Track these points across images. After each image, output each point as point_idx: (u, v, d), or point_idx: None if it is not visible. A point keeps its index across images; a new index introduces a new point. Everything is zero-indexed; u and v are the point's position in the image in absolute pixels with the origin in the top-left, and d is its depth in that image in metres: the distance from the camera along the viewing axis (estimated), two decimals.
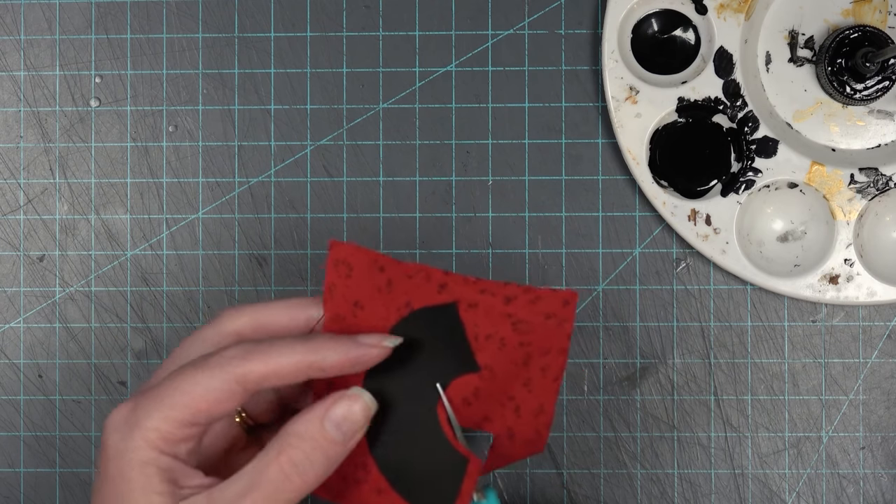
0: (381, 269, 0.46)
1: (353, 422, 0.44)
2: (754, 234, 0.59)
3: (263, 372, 0.43)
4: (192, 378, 0.43)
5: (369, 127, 0.60)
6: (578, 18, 0.60)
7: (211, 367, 0.43)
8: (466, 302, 0.46)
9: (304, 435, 0.43)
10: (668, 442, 0.60)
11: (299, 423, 0.44)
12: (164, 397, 0.43)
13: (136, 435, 0.42)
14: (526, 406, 0.47)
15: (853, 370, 0.60)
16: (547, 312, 0.45)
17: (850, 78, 0.58)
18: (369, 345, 0.45)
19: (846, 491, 0.60)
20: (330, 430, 0.44)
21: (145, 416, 0.43)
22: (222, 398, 0.43)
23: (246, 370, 0.43)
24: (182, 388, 0.43)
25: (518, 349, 0.46)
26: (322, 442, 0.43)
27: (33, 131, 0.61)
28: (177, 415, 0.42)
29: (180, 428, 0.43)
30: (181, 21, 0.61)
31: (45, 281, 0.61)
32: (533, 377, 0.46)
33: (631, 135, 0.58)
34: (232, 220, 0.61)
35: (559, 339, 0.46)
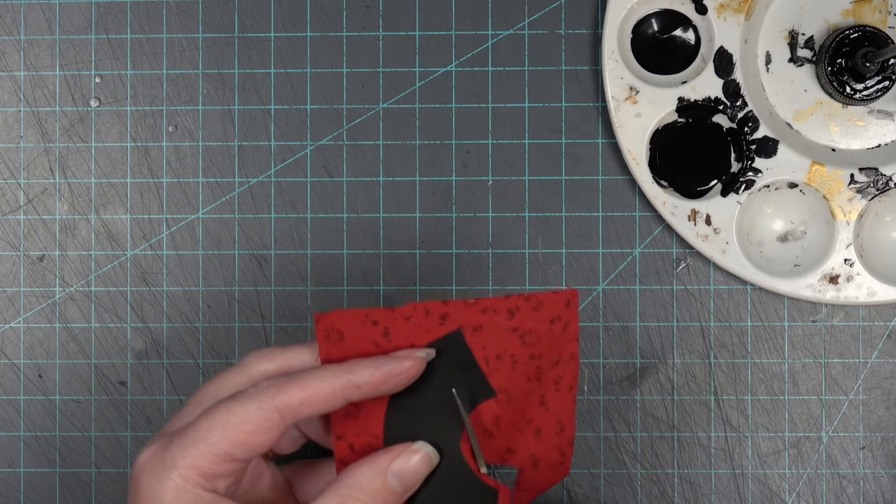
0: (375, 323, 0.45)
1: (414, 474, 0.44)
2: (754, 234, 0.59)
3: (301, 398, 0.42)
4: (228, 410, 0.42)
5: (369, 127, 0.60)
6: (578, 18, 0.60)
7: (248, 397, 0.42)
8: (470, 326, 0.45)
9: (365, 488, 0.43)
10: (668, 442, 0.60)
11: (361, 476, 0.43)
12: (199, 432, 0.42)
13: (172, 475, 0.42)
14: (546, 427, 0.46)
15: (853, 370, 0.60)
16: (551, 317, 0.45)
17: (850, 78, 0.58)
18: (402, 356, 0.44)
19: (846, 491, 0.60)
20: (392, 482, 0.44)
21: (182, 455, 0.42)
22: (261, 429, 0.42)
23: (284, 398, 0.42)
24: (218, 421, 0.42)
25: (529, 364, 0.45)
26: (382, 494, 0.43)
27: (33, 131, 0.61)
28: (215, 449, 0.42)
29: (220, 463, 0.42)
30: (181, 21, 0.61)
31: (45, 281, 0.61)
32: (547, 393, 0.46)
33: (631, 135, 0.58)
34: (232, 220, 0.61)
35: (567, 344, 0.45)
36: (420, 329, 0.45)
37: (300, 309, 0.60)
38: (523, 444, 0.47)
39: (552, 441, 0.46)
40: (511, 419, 0.46)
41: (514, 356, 0.45)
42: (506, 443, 0.47)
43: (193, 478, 0.42)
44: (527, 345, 0.45)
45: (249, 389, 0.43)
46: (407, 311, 0.45)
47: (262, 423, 0.42)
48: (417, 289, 0.60)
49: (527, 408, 0.46)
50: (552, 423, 0.46)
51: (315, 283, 0.60)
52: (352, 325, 0.45)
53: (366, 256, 0.60)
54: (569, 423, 0.46)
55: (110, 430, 0.60)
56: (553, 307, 0.45)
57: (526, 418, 0.46)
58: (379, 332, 0.46)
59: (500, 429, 0.46)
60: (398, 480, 0.44)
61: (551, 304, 0.45)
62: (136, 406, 0.60)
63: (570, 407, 0.46)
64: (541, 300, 0.45)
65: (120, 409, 0.60)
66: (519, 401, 0.46)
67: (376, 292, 0.60)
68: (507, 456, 0.47)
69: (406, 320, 0.45)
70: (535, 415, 0.46)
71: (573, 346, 0.45)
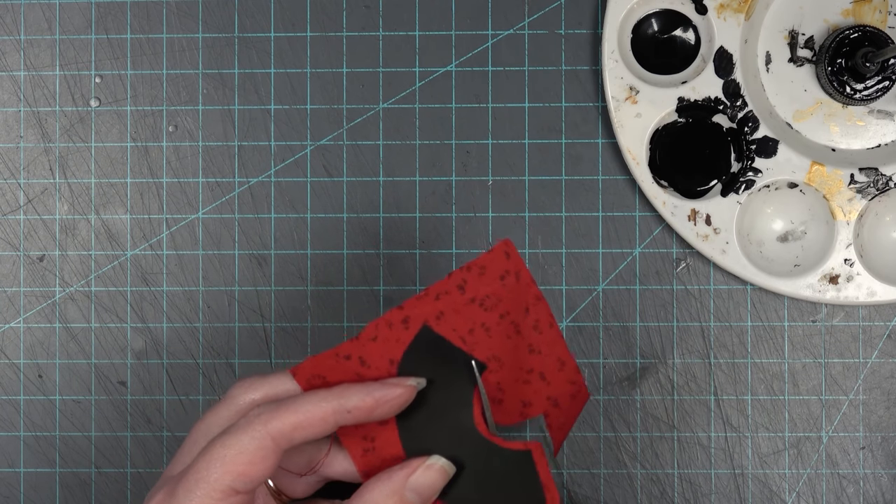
0: (347, 357, 0.46)
1: (432, 487, 0.44)
2: (754, 234, 0.59)
3: (294, 423, 0.43)
4: (223, 445, 0.42)
5: (369, 127, 0.60)
6: (578, 18, 0.60)
7: (240, 429, 0.43)
8: (433, 317, 0.46)
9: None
10: (668, 442, 0.60)
11: (380, 494, 0.44)
12: (199, 472, 0.42)
13: None
14: (547, 368, 0.47)
15: (853, 370, 0.60)
16: (499, 274, 0.45)
17: (850, 78, 0.58)
18: (393, 384, 0.45)
19: (846, 491, 0.60)
20: (410, 497, 0.44)
21: (186, 497, 0.42)
22: (258, 458, 0.42)
23: (276, 425, 0.43)
24: (215, 457, 0.42)
25: (501, 323, 0.46)
26: None
27: (33, 131, 0.61)
28: (218, 486, 0.42)
29: (223, 498, 0.42)
30: (181, 21, 0.61)
31: (45, 281, 0.61)
32: (533, 340, 0.46)
33: (631, 135, 0.58)
34: (232, 220, 0.61)
35: (527, 290, 0.46)
36: (390, 342, 0.46)
37: (300, 309, 0.60)
38: (535, 393, 0.47)
39: (559, 377, 0.47)
40: (512, 378, 0.47)
41: (484, 324, 0.46)
42: (518, 401, 0.47)
43: None
44: (490, 309, 0.46)
45: (241, 421, 0.43)
46: (370, 333, 0.46)
47: (257, 452, 0.42)
48: (417, 289, 0.60)
49: (521, 361, 0.47)
50: (551, 362, 0.47)
51: (315, 283, 0.60)
52: (327, 366, 0.46)
53: (366, 256, 0.60)
54: (565, 355, 0.47)
55: (110, 430, 0.60)
56: (496, 264, 0.45)
57: (525, 370, 0.47)
58: (355, 364, 0.46)
59: (506, 391, 0.47)
60: (416, 495, 0.44)
61: (493, 263, 0.45)
62: (136, 406, 0.60)
63: (560, 341, 0.47)
64: (481, 264, 0.45)
65: (120, 409, 0.60)
66: (510, 360, 0.47)
67: (376, 292, 0.60)
68: (526, 410, 0.48)
69: (374, 341, 0.46)
70: (533, 363, 0.47)
71: (534, 289, 0.46)
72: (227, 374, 0.60)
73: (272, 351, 0.60)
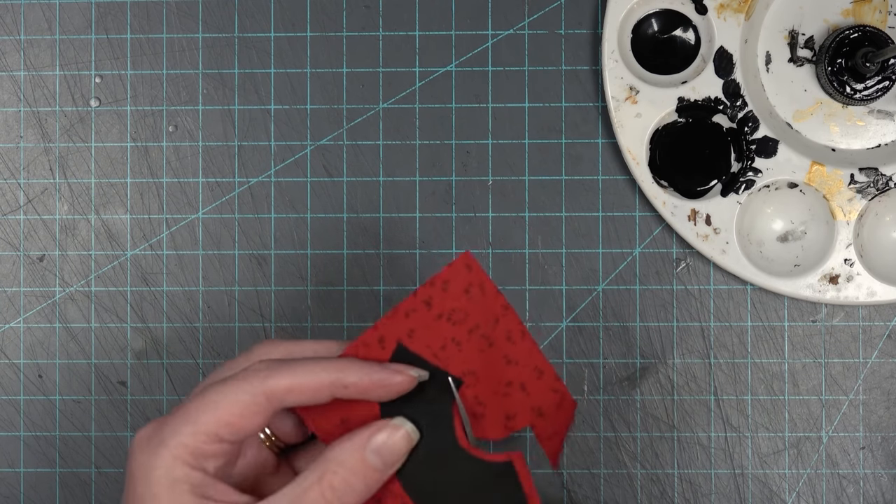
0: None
1: (394, 451, 0.45)
2: (754, 234, 0.59)
3: (288, 385, 0.43)
4: (217, 391, 0.43)
5: (369, 127, 0.60)
6: (578, 18, 0.60)
7: (237, 381, 0.43)
8: (405, 334, 0.46)
9: (345, 462, 0.44)
10: (668, 442, 0.60)
11: (341, 451, 0.44)
12: (189, 413, 0.43)
13: (162, 452, 0.42)
14: (526, 378, 0.47)
15: (853, 370, 0.60)
16: (463, 288, 0.45)
17: (850, 78, 0.58)
18: (394, 370, 0.45)
19: (846, 491, 0.60)
20: (371, 458, 0.44)
21: (172, 434, 0.43)
22: (248, 412, 0.43)
23: (272, 383, 0.43)
24: (208, 402, 0.43)
25: (472, 337, 0.46)
26: (363, 469, 0.44)
27: (33, 131, 0.61)
28: (204, 429, 0.42)
29: (208, 443, 0.43)
30: (181, 21, 0.61)
31: (45, 281, 0.61)
32: (508, 351, 0.46)
33: (631, 135, 0.58)
34: (232, 220, 0.61)
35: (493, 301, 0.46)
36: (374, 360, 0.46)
37: (300, 309, 0.60)
38: (518, 405, 0.47)
39: (540, 386, 0.47)
40: (491, 391, 0.47)
41: (454, 339, 0.46)
42: (501, 414, 0.47)
43: (183, 456, 0.42)
44: (458, 323, 0.46)
45: (241, 372, 0.44)
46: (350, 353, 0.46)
47: (249, 406, 0.43)
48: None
49: (499, 374, 0.47)
50: (529, 372, 0.47)
51: (315, 283, 0.60)
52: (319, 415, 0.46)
53: (366, 256, 0.60)
54: (542, 363, 0.47)
55: (110, 430, 0.60)
56: (459, 278, 0.45)
57: (504, 382, 0.47)
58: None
59: (487, 405, 0.47)
60: (377, 456, 0.44)
61: (455, 277, 0.45)
62: (136, 406, 0.60)
63: (535, 349, 0.47)
64: (444, 279, 0.45)
65: (120, 409, 0.60)
66: (486, 373, 0.46)
67: (376, 292, 0.60)
68: (511, 423, 0.47)
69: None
70: (511, 374, 0.47)
71: (500, 300, 0.46)
72: None
73: None
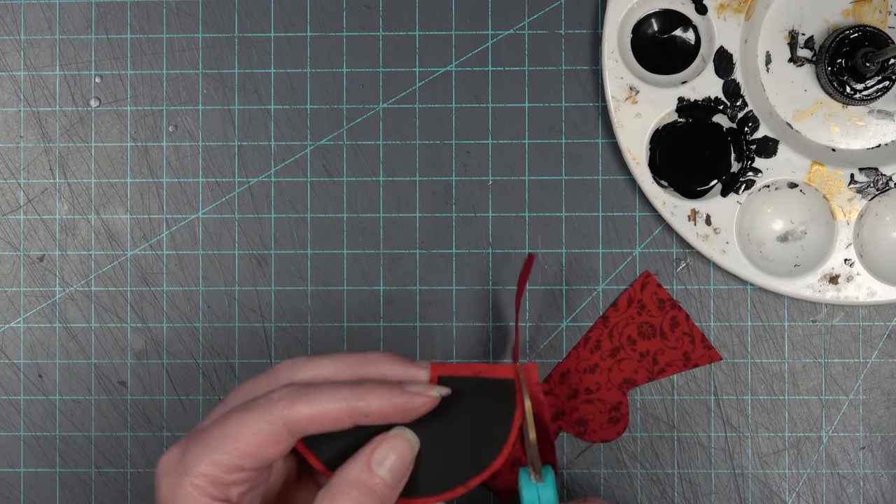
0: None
1: (399, 461, 0.44)
2: (754, 234, 0.59)
3: (309, 415, 0.43)
4: (238, 421, 0.43)
5: (369, 127, 0.60)
6: (578, 18, 0.60)
7: (258, 409, 0.43)
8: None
9: (353, 482, 0.44)
10: (668, 442, 0.60)
11: (347, 472, 0.44)
12: (210, 441, 0.43)
13: (185, 482, 0.43)
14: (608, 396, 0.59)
15: (853, 370, 0.60)
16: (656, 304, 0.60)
17: (850, 78, 0.58)
18: (416, 393, 0.45)
19: (846, 491, 0.60)
20: (379, 472, 0.44)
21: (194, 462, 0.43)
22: (269, 442, 0.43)
23: (292, 413, 0.43)
24: (229, 431, 0.43)
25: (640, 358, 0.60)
26: (372, 486, 0.44)
27: (33, 131, 0.61)
28: (224, 459, 0.43)
29: (229, 472, 0.43)
30: (181, 21, 0.61)
31: (45, 281, 0.61)
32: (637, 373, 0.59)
33: (631, 135, 0.58)
34: (232, 220, 0.61)
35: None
36: None
37: (300, 309, 0.60)
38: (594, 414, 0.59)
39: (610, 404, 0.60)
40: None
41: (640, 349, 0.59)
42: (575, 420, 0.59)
43: (204, 487, 0.42)
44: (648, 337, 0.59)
45: (262, 399, 0.43)
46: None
47: (270, 436, 0.43)
48: (417, 289, 0.60)
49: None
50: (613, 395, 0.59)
51: (315, 283, 0.60)
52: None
53: (366, 256, 0.60)
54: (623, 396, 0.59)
55: (110, 430, 0.60)
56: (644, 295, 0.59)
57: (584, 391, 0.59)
58: None
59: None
60: (384, 469, 0.44)
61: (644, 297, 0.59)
62: (136, 406, 0.60)
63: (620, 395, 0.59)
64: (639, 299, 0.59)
65: (120, 409, 0.60)
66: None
67: (376, 292, 0.60)
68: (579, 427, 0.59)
69: None
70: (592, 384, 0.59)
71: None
72: (227, 374, 0.60)
73: (272, 351, 0.60)
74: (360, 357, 0.46)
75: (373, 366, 0.46)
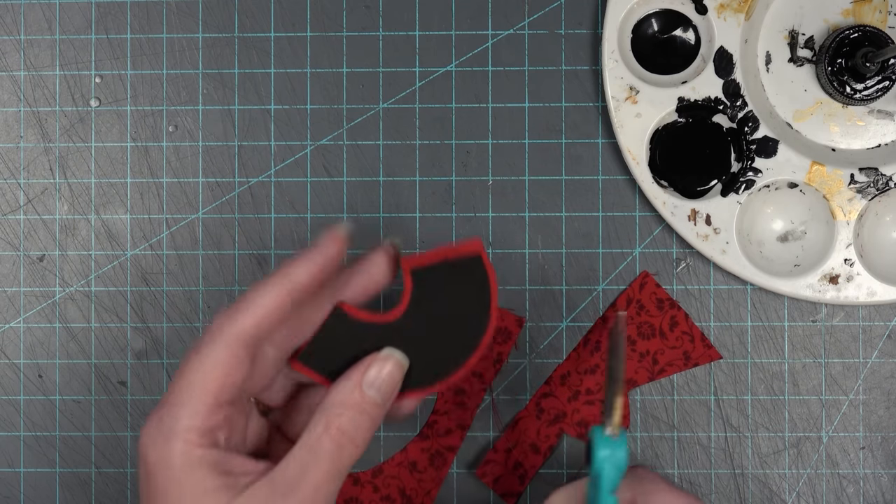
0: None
1: (388, 381, 0.46)
2: (754, 234, 0.59)
3: (254, 320, 0.44)
4: (196, 365, 0.44)
5: (369, 127, 0.60)
6: (578, 18, 0.60)
7: (207, 342, 0.44)
8: None
9: (346, 403, 0.45)
10: (668, 442, 0.60)
11: (339, 393, 0.45)
12: (181, 394, 0.43)
13: (174, 443, 0.43)
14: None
15: (853, 370, 0.60)
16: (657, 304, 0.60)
17: (850, 78, 0.58)
18: (327, 241, 0.46)
19: (846, 491, 0.60)
20: (370, 393, 0.45)
21: (174, 421, 0.43)
22: (232, 366, 0.43)
23: (236, 327, 0.44)
24: (192, 378, 0.43)
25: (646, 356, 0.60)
26: (364, 406, 0.45)
27: (33, 131, 0.61)
28: (201, 405, 0.43)
29: (210, 415, 0.43)
30: (181, 21, 0.61)
31: (45, 281, 0.61)
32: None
33: (631, 135, 0.58)
34: (232, 220, 0.61)
35: None
36: None
37: None
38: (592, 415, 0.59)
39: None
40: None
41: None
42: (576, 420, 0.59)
43: (194, 439, 0.43)
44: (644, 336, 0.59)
45: (204, 336, 0.44)
46: None
47: (230, 360, 0.43)
48: None
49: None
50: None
51: None
52: None
53: None
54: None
55: (110, 430, 0.60)
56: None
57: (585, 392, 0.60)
58: None
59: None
60: (374, 390, 0.45)
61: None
62: (136, 406, 0.60)
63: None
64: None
65: (120, 409, 0.60)
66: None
67: None
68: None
69: None
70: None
71: None
72: None
73: None
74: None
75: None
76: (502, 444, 0.59)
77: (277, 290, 0.44)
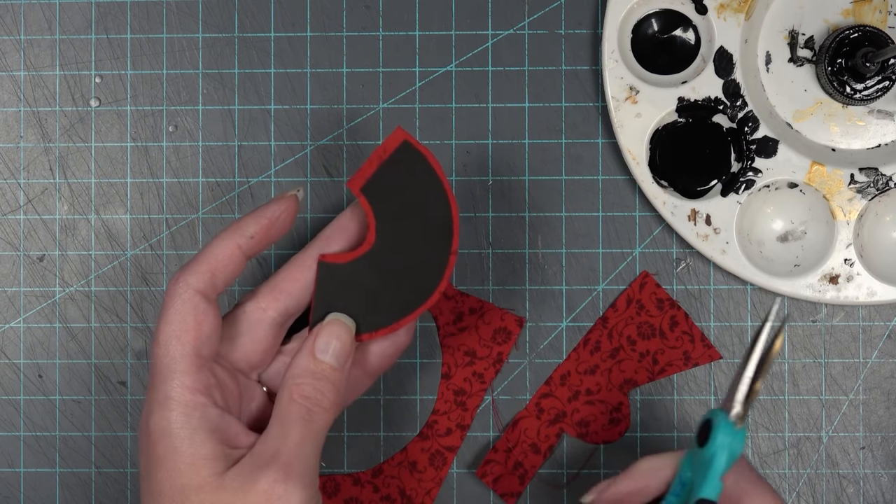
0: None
1: (339, 346, 0.47)
2: (754, 234, 0.59)
3: (208, 271, 0.46)
4: (164, 325, 0.45)
5: (369, 127, 0.60)
6: (578, 18, 0.60)
7: (168, 302, 0.46)
8: None
9: (304, 373, 0.46)
10: (668, 442, 0.60)
11: (297, 366, 0.47)
12: (164, 359, 0.45)
13: (171, 408, 0.44)
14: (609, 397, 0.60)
15: (853, 370, 0.60)
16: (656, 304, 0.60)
17: (850, 78, 0.58)
18: (277, 200, 0.48)
19: (846, 491, 0.60)
20: (324, 358, 0.47)
21: (166, 388, 0.45)
22: (200, 318, 0.45)
23: (196, 279, 0.46)
24: (167, 339, 0.45)
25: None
26: (323, 372, 0.46)
27: (33, 131, 0.61)
28: (185, 362, 0.45)
29: (198, 371, 0.45)
30: (181, 21, 0.61)
31: (45, 281, 0.61)
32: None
33: (631, 135, 0.58)
34: (232, 220, 0.61)
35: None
36: None
37: None
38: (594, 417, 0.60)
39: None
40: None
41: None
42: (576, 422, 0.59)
43: (189, 399, 0.45)
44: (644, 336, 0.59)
45: (165, 298, 0.46)
46: None
47: (196, 312, 0.45)
48: None
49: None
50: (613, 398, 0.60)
51: None
52: None
53: None
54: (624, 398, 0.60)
55: (110, 430, 0.60)
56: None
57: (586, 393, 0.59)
58: None
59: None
60: (327, 355, 0.47)
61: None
62: (136, 406, 0.60)
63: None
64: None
65: (120, 409, 0.60)
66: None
67: None
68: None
69: None
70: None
71: None
72: None
73: None
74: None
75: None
76: (502, 444, 0.59)
77: (227, 242, 0.47)
